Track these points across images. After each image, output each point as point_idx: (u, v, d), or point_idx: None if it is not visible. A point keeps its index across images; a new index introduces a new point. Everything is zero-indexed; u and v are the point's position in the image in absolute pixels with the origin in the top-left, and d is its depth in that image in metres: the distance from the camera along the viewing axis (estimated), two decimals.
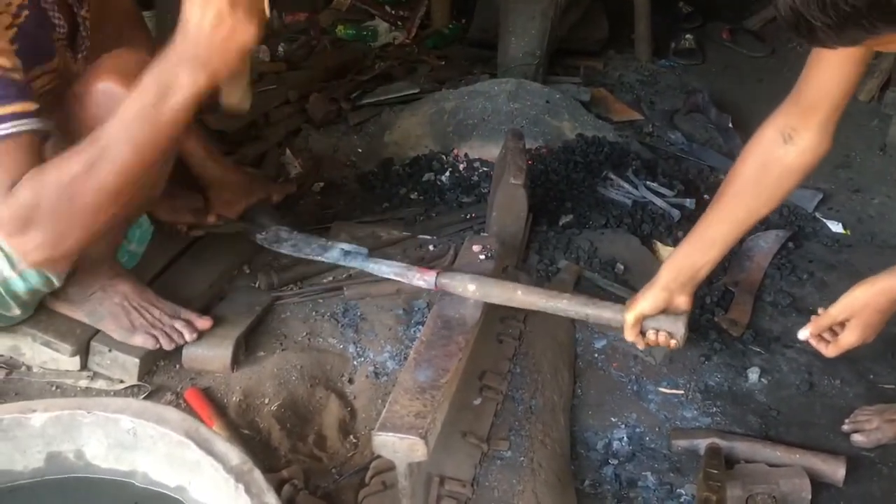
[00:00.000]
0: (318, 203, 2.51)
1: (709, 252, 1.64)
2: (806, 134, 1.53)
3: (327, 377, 1.83)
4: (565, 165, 2.64)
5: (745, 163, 1.60)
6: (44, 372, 1.72)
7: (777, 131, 1.56)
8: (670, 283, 1.65)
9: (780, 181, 1.58)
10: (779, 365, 2.07)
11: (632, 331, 1.66)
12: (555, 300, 1.73)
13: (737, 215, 1.61)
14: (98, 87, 1.49)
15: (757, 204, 1.60)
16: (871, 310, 1.53)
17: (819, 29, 1.03)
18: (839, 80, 1.47)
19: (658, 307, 1.65)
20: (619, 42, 3.86)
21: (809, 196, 2.81)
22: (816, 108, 1.51)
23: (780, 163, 1.56)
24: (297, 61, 3.36)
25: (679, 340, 1.66)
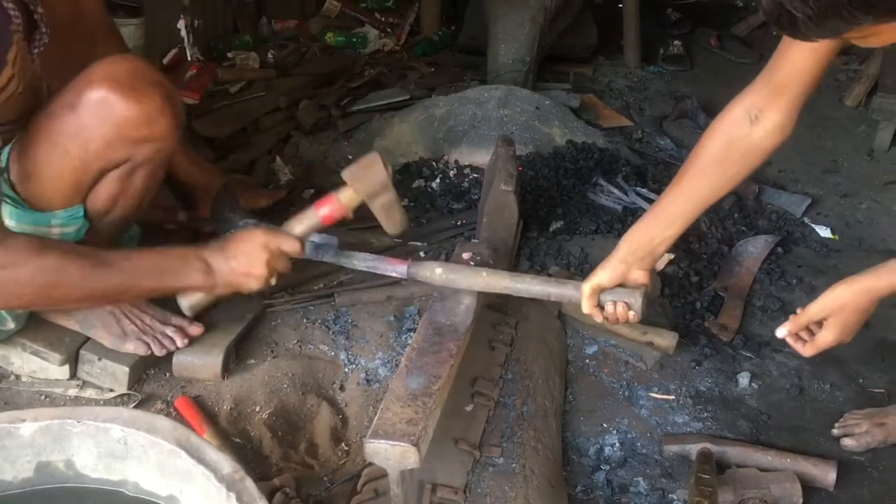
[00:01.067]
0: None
1: (668, 228, 1.66)
2: (772, 115, 1.56)
3: (319, 384, 1.83)
4: (555, 172, 2.65)
5: (710, 140, 1.61)
6: (33, 381, 1.71)
7: (744, 110, 1.57)
8: (627, 256, 1.66)
9: (744, 160, 1.60)
10: (769, 369, 2.07)
11: (589, 302, 1.67)
12: (518, 281, 1.75)
13: (699, 193, 1.63)
14: (93, 96, 1.48)
15: (720, 182, 1.62)
16: (850, 309, 1.53)
17: (800, 20, 1.05)
18: (808, 65, 1.49)
19: (615, 280, 1.66)
20: (609, 49, 3.88)
21: (798, 201, 2.83)
22: (784, 90, 1.53)
23: (746, 142, 1.58)
24: (287, 68, 3.37)
25: (637, 312, 1.67)
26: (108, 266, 1.49)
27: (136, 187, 1.62)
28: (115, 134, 1.51)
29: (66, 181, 1.55)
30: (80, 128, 1.49)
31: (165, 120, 1.54)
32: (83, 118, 1.49)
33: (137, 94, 1.50)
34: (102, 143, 1.52)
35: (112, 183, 1.59)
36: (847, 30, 1.08)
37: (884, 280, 1.51)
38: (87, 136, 1.50)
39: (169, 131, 1.56)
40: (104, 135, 1.51)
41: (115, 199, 1.61)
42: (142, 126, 1.52)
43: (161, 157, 1.62)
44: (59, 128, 1.51)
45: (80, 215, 1.58)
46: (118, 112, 1.49)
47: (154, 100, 1.52)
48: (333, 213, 1.67)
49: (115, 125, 1.50)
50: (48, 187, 1.54)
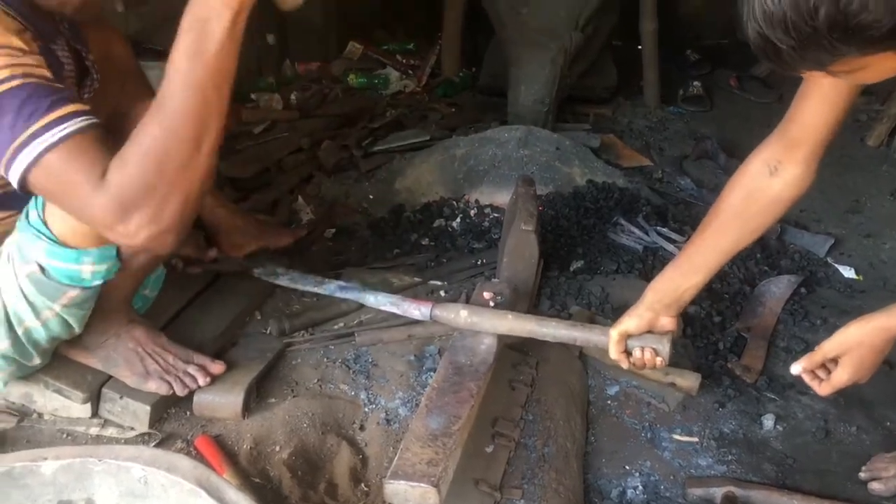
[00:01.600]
0: (330, 249, 2.52)
1: (693, 277, 1.69)
2: (791, 167, 1.58)
3: (339, 424, 1.82)
4: (576, 211, 2.65)
5: (731, 193, 1.65)
6: (55, 419, 1.72)
7: (763, 163, 1.61)
8: (654, 304, 1.71)
9: (764, 212, 1.63)
10: (794, 411, 2.04)
11: (616, 348, 1.72)
12: (544, 325, 1.78)
13: (721, 243, 1.67)
14: None
15: (742, 233, 1.66)
16: (865, 348, 1.52)
17: (784, 52, 1.07)
18: (824, 117, 1.51)
19: (642, 327, 1.70)
20: (628, 89, 3.90)
21: (821, 241, 2.81)
22: (802, 142, 1.56)
23: (766, 194, 1.61)
24: (310, 109, 3.42)
25: (664, 358, 1.71)
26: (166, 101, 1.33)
27: None
28: None
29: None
30: None
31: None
32: None
33: None
34: None
35: None
36: (832, 61, 1.09)
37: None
38: None
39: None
40: None
41: None
42: None
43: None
44: None
45: (112, 254, 1.59)
46: None
47: None
48: None
49: None
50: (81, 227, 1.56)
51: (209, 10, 1.33)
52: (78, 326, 1.64)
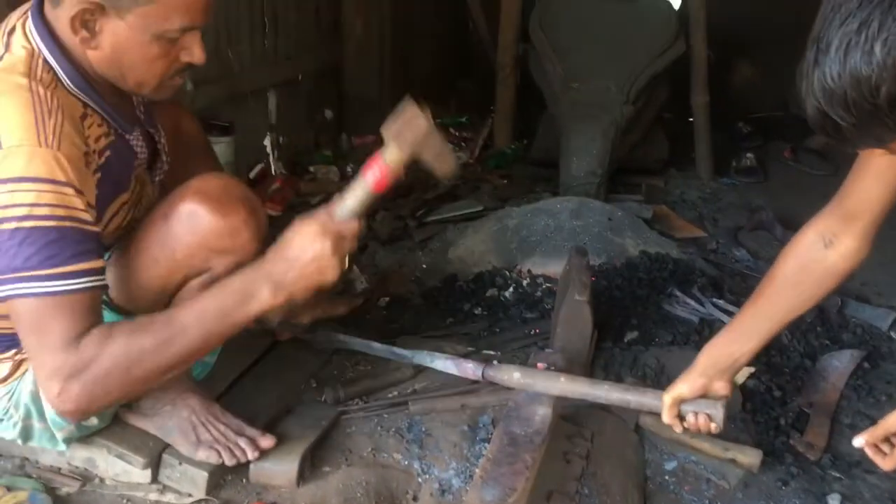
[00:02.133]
0: (384, 318, 2.54)
1: (747, 344, 1.69)
2: (846, 240, 1.58)
3: (392, 494, 1.81)
4: (629, 282, 2.64)
5: (785, 262, 1.65)
6: (116, 485, 1.74)
7: (818, 235, 1.61)
8: (708, 369, 1.70)
9: (819, 283, 1.63)
10: (860, 491, 1.97)
11: (669, 412, 1.70)
12: (596, 388, 1.78)
13: (775, 312, 1.67)
14: (185, 208, 1.58)
15: (795, 303, 1.66)
16: None
17: (844, 129, 1.06)
18: (881, 191, 1.51)
19: (696, 391, 1.69)
20: (680, 161, 3.91)
21: (883, 315, 2.74)
22: (858, 215, 1.55)
23: (820, 266, 1.61)
24: None
25: (718, 424, 1.69)
26: (175, 327, 1.46)
27: None
28: (201, 243, 1.59)
29: (153, 287, 1.63)
30: (170, 237, 1.59)
31: (248, 233, 1.62)
32: (173, 228, 1.59)
33: (225, 207, 1.59)
34: (188, 252, 1.60)
35: (194, 291, 1.66)
36: (894, 138, 1.08)
37: None
38: (175, 244, 1.59)
39: (249, 243, 1.63)
40: (190, 244, 1.59)
41: None
42: (225, 237, 1.60)
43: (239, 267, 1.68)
44: (151, 236, 1.60)
45: None
46: (205, 223, 1.58)
47: (239, 213, 1.61)
48: (382, 178, 1.52)
49: (201, 235, 1.59)
50: (136, 293, 1.62)
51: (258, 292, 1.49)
52: None
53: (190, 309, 1.48)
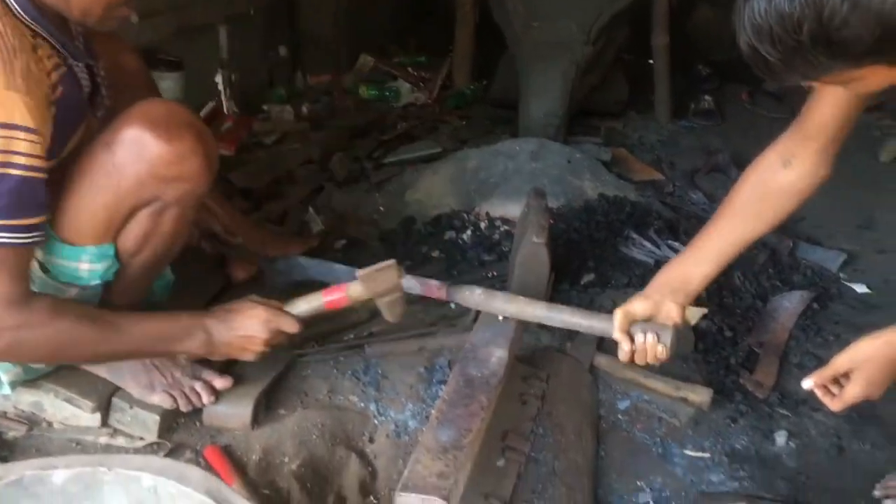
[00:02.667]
0: (341, 260, 2.51)
1: (702, 265, 1.69)
2: (805, 160, 1.60)
3: (348, 436, 1.82)
4: (587, 224, 2.64)
5: (744, 184, 1.67)
6: (65, 428, 1.72)
7: (777, 156, 1.63)
8: (662, 287, 1.69)
9: (777, 203, 1.64)
10: (807, 428, 2.03)
11: (620, 327, 1.68)
12: (553, 311, 1.79)
13: (733, 233, 1.68)
14: (129, 134, 1.52)
15: (753, 224, 1.67)
16: (875, 364, 1.51)
17: (772, 64, 1.11)
18: (838, 113, 1.53)
19: (647, 310, 1.68)
20: (640, 103, 3.90)
21: (833, 257, 2.79)
22: (816, 136, 1.58)
23: (779, 186, 1.62)
24: (321, 121, 3.43)
25: (666, 346, 1.66)
26: (118, 331, 1.55)
27: (165, 228, 1.64)
28: (147, 171, 1.54)
29: (99, 217, 1.57)
30: (114, 165, 1.53)
31: (197, 160, 1.57)
32: (117, 155, 1.53)
33: (170, 133, 1.53)
34: (134, 181, 1.55)
35: (142, 221, 1.61)
36: (819, 74, 1.13)
37: None
38: (120, 173, 1.53)
39: (200, 171, 1.58)
40: (136, 172, 1.54)
41: (146, 238, 1.63)
42: (172, 164, 1.55)
43: (191, 198, 1.64)
44: (95, 164, 1.54)
45: (110, 254, 1.60)
46: (150, 150, 1.52)
47: (186, 140, 1.55)
48: (338, 303, 1.74)
49: (146, 162, 1.53)
50: (80, 221, 1.57)
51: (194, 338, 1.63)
52: None
53: (136, 323, 1.58)
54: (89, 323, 1.51)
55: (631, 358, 1.69)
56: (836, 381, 1.58)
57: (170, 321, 1.64)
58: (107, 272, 1.62)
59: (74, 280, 1.58)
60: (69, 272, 1.58)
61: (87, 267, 1.59)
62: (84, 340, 1.52)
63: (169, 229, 1.66)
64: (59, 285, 1.57)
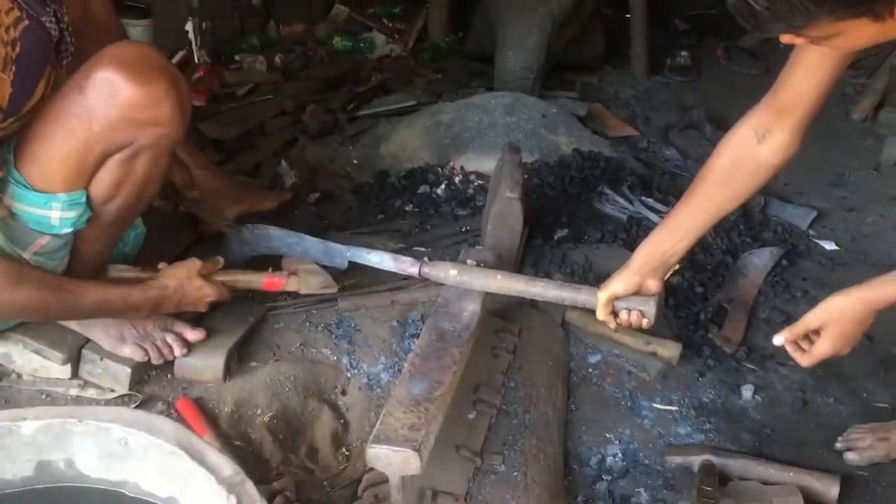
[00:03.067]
0: (313, 213, 2.50)
1: (679, 241, 1.73)
2: (779, 134, 1.60)
3: (320, 389, 1.82)
4: (561, 180, 2.64)
5: (718, 158, 1.68)
6: (34, 380, 1.71)
7: (751, 130, 1.63)
8: (642, 267, 1.74)
9: (751, 177, 1.66)
10: (773, 382, 2.07)
11: (604, 309, 1.75)
12: (533, 285, 1.81)
13: (707, 207, 1.70)
14: (99, 77, 1.49)
15: (727, 198, 1.69)
16: (846, 320, 1.54)
17: (759, 12, 1.10)
18: (813, 85, 1.53)
19: (630, 289, 1.74)
20: (616, 58, 3.88)
21: (803, 214, 2.82)
22: (790, 110, 1.58)
23: (753, 160, 1.63)
24: (294, 72, 3.37)
25: (650, 319, 1.76)
26: (74, 299, 1.57)
27: (138, 174, 1.62)
28: (119, 115, 1.51)
29: (69, 162, 1.55)
30: (85, 108, 1.50)
31: (170, 103, 1.54)
32: (89, 99, 1.50)
33: (143, 76, 1.51)
34: (106, 125, 1.52)
35: (114, 168, 1.59)
36: (805, 24, 1.12)
37: (879, 291, 1.52)
38: (91, 116, 1.51)
39: (173, 116, 1.56)
40: (108, 116, 1.51)
41: (118, 185, 1.61)
42: (145, 108, 1.52)
43: (164, 144, 1.61)
44: (66, 108, 1.51)
45: (81, 201, 1.58)
46: (123, 93, 1.50)
47: (159, 83, 1.52)
48: (274, 288, 1.89)
49: (119, 106, 1.51)
50: (51, 168, 1.54)
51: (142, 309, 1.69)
52: None
53: (95, 292, 1.62)
54: (49, 293, 1.54)
55: None
56: (807, 337, 1.61)
57: (126, 294, 1.67)
58: (78, 220, 1.60)
59: (46, 229, 1.56)
60: (40, 220, 1.55)
61: (59, 215, 1.56)
62: (43, 309, 1.55)
63: (141, 176, 1.63)
64: (29, 232, 1.54)
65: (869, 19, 1.11)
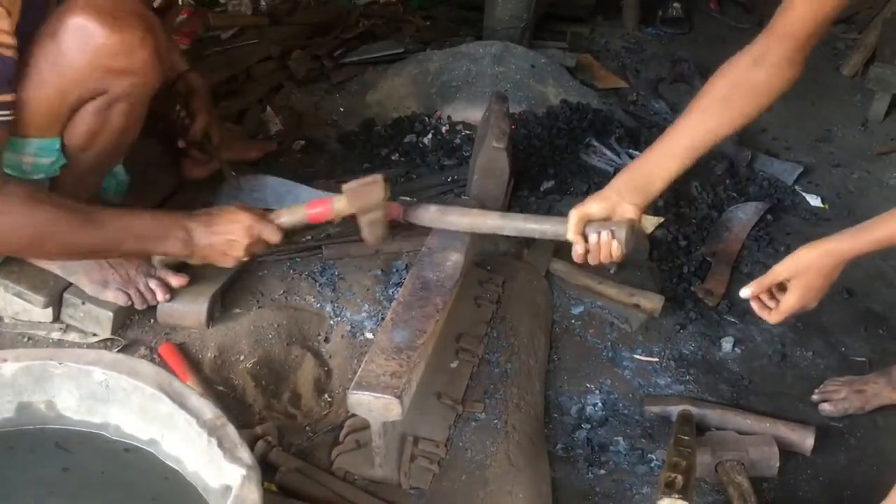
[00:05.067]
0: (299, 161, 2.48)
1: (666, 164, 1.64)
2: (776, 57, 1.58)
3: (304, 336, 1.83)
4: (548, 131, 2.63)
5: (714, 82, 1.64)
6: (15, 323, 1.70)
7: (749, 56, 1.60)
8: (621, 187, 1.64)
9: (747, 100, 1.62)
10: (752, 335, 2.09)
11: (575, 229, 1.63)
12: (508, 220, 1.76)
13: (700, 130, 1.63)
14: (72, 23, 1.46)
15: (721, 121, 1.63)
16: (814, 272, 1.53)
17: None
18: (811, 13, 1.51)
19: (605, 210, 1.63)
20: (607, 8, 3.83)
21: (789, 169, 2.82)
22: (788, 34, 1.56)
23: (749, 82, 1.60)
24: (281, 16, 3.30)
25: (621, 243, 1.61)
26: (96, 225, 1.50)
27: (113, 123, 1.59)
28: (93, 62, 1.49)
29: (42, 108, 1.52)
30: (59, 54, 1.48)
31: (145, 52, 1.51)
32: (62, 45, 1.47)
33: (118, 22, 1.48)
34: (79, 72, 1.49)
35: (89, 116, 1.56)
36: None
37: (847, 243, 1.52)
38: (64, 62, 1.48)
39: (148, 64, 1.53)
40: (81, 62, 1.49)
41: (93, 134, 1.59)
42: (120, 56, 1.50)
43: (140, 92, 1.58)
44: (38, 54, 1.48)
45: (55, 147, 1.56)
46: (96, 39, 1.47)
47: (135, 31, 1.49)
48: (322, 216, 1.70)
49: (92, 53, 1.48)
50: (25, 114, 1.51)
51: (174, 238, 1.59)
52: None
53: (116, 217, 1.54)
54: (67, 213, 1.47)
55: (585, 259, 1.65)
56: (772, 295, 1.61)
57: (151, 219, 1.60)
58: (51, 167, 1.58)
59: (17, 173, 1.54)
60: (11, 164, 1.53)
61: (31, 161, 1.54)
62: (61, 231, 1.47)
63: (117, 125, 1.61)
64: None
65: None
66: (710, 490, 1.69)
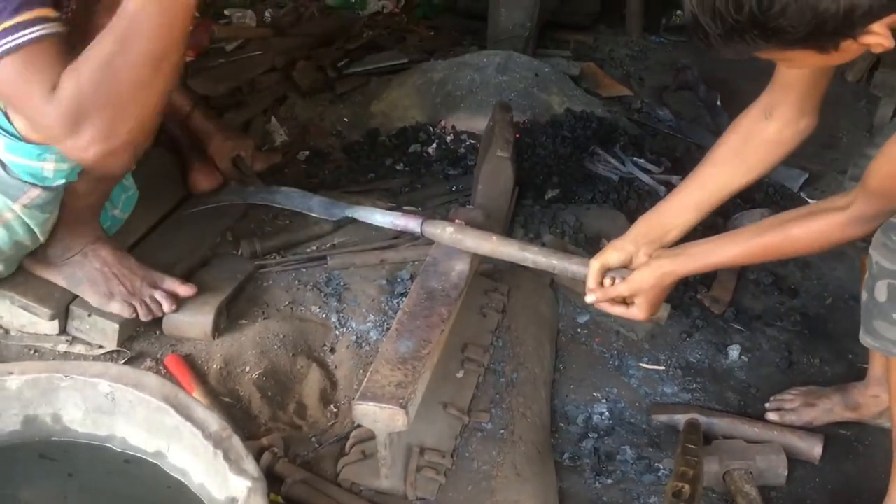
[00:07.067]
0: (304, 172, 2.49)
1: (682, 215, 1.68)
2: (785, 109, 1.58)
3: (309, 346, 1.83)
4: (553, 140, 2.62)
5: (728, 135, 1.66)
6: (22, 335, 1.71)
7: (760, 109, 1.62)
8: (639, 237, 1.67)
9: (759, 154, 1.63)
10: (759, 343, 2.08)
11: (594, 279, 1.66)
12: (525, 251, 1.74)
13: (714, 184, 1.66)
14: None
15: (735, 174, 1.65)
16: (656, 289, 1.59)
17: (711, 37, 1.18)
18: None
19: (623, 260, 1.66)
20: (610, 17, 3.84)
21: (795, 175, 2.81)
22: (794, 85, 1.56)
23: (761, 136, 1.61)
24: (285, 28, 3.32)
25: None
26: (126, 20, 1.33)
27: None
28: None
29: None
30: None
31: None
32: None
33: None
34: None
35: None
36: (753, 51, 1.20)
37: (683, 266, 1.57)
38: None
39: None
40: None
41: None
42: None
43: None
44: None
45: None
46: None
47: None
48: None
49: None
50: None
51: None
52: (41, 233, 1.60)
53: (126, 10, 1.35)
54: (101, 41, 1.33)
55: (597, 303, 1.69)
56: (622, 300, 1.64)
57: None
58: (72, 172, 1.57)
59: (37, 180, 1.53)
60: (32, 171, 1.52)
61: (52, 166, 1.53)
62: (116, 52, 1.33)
63: None
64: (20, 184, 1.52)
65: (814, 51, 1.18)
66: (718, 499, 1.68)
